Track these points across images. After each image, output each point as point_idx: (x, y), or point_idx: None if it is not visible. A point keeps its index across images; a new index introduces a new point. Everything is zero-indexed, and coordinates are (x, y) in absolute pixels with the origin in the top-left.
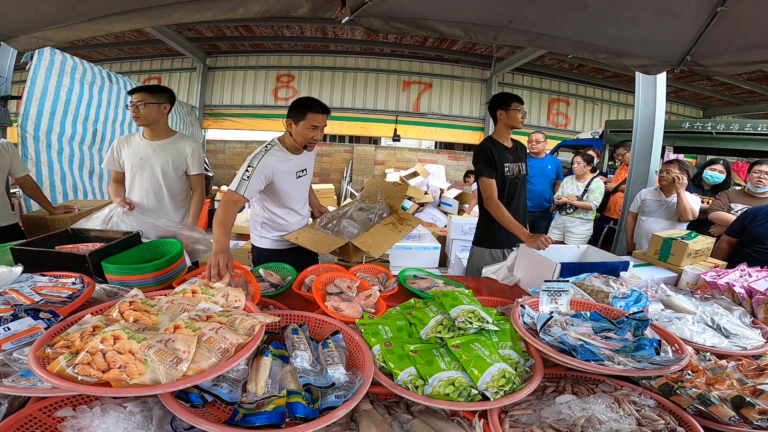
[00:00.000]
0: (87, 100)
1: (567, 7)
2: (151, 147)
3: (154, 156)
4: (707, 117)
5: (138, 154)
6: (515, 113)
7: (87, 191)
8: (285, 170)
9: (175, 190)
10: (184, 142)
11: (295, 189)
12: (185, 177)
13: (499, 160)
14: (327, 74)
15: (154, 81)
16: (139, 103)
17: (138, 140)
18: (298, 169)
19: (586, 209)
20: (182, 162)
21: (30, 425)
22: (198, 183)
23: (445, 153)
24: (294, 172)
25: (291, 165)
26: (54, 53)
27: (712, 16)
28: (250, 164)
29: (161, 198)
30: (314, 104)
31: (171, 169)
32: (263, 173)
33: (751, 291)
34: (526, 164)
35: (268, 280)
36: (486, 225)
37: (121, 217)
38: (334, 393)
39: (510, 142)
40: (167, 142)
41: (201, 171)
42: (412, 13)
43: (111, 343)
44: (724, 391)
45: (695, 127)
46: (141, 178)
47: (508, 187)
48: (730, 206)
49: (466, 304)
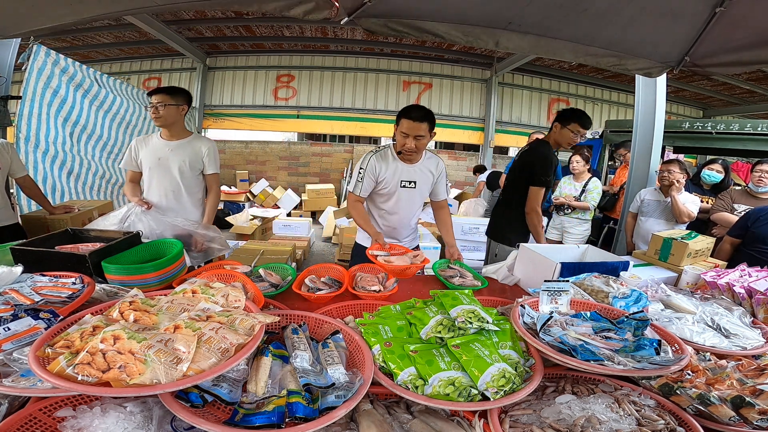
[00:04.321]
0: (70, 103)
1: (566, 9)
2: (168, 147)
3: (171, 156)
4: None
5: (156, 154)
6: (568, 133)
7: (65, 191)
8: (389, 174)
9: (192, 189)
10: (201, 142)
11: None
12: (201, 176)
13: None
14: (327, 74)
15: (154, 81)
16: (159, 105)
17: (156, 140)
18: (404, 178)
19: (583, 209)
20: (198, 161)
21: (30, 425)
22: (213, 182)
23: (445, 153)
24: (398, 180)
25: (398, 172)
26: (48, 54)
27: (710, 17)
28: (361, 166)
29: (180, 197)
30: (410, 110)
31: (188, 168)
32: (371, 173)
33: (751, 291)
34: None
35: (268, 280)
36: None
37: (139, 216)
38: (334, 393)
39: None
40: (184, 142)
41: (216, 170)
42: (411, 16)
43: (111, 343)
44: (724, 391)
45: (695, 127)
46: (159, 177)
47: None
48: (732, 206)
49: (466, 304)
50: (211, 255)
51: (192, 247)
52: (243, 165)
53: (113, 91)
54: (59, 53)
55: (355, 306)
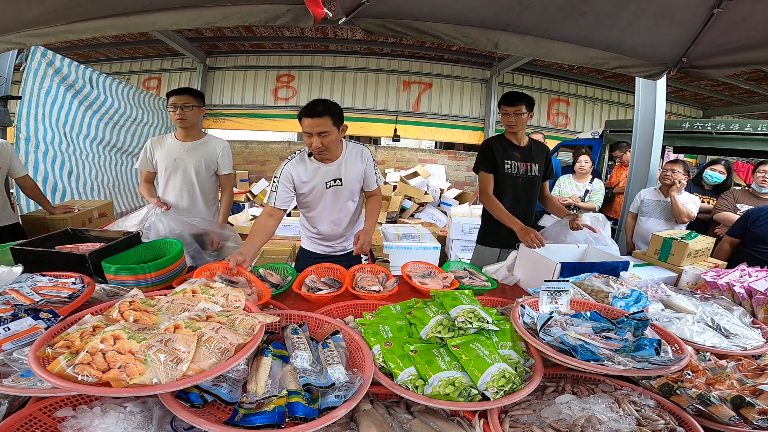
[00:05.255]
0: (59, 104)
1: (565, 12)
2: (183, 148)
3: (187, 157)
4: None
5: (171, 155)
6: (502, 115)
7: (66, 191)
8: (311, 178)
9: (206, 189)
10: (215, 143)
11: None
12: (215, 177)
13: (499, 157)
14: (327, 74)
15: (154, 81)
16: (185, 106)
17: (171, 141)
18: (329, 178)
19: (589, 210)
20: (213, 162)
21: (30, 425)
22: (228, 182)
23: (445, 153)
24: (323, 182)
25: (320, 174)
26: (45, 54)
27: (708, 18)
28: (275, 175)
29: (194, 197)
30: (303, 108)
31: (204, 169)
32: (286, 180)
33: (751, 291)
34: (542, 166)
35: (268, 280)
36: (486, 223)
37: (159, 217)
38: (334, 393)
39: (524, 141)
40: (199, 143)
41: (230, 171)
42: (409, 16)
43: (111, 343)
44: (724, 391)
45: (695, 127)
46: (175, 178)
47: (510, 185)
48: (736, 206)
49: (466, 304)
50: (225, 253)
51: (208, 245)
52: (243, 165)
53: (105, 92)
54: (57, 53)
55: (355, 306)
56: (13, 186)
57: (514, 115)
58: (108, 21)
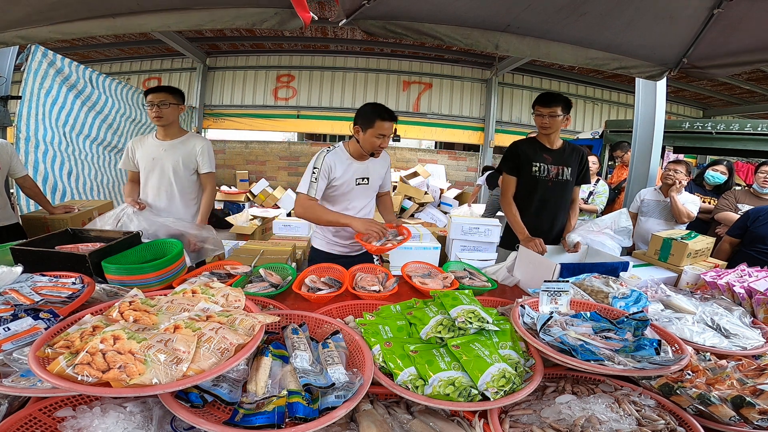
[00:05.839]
0: (60, 103)
1: (565, 12)
2: (162, 147)
3: (165, 156)
4: (707, 117)
5: (150, 154)
6: (536, 116)
7: (66, 191)
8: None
9: (185, 189)
10: (194, 141)
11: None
12: (196, 176)
13: (526, 159)
14: (327, 74)
15: (154, 81)
16: (162, 104)
17: (151, 140)
18: (359, 176)
19: (592, 212)
20: (192, 161)
21: (30, 425)
22: (208, 181)
23: (445, 153)
24: (354, 179)
25: (352, 170)
26: (45, 54)
27: (708, 19)
28: (315, 165)
29: (172, 197)
30: (383, 112)
31: (182, 168)
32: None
33: (751, 291)
34: (576, 170)
35: (268, 280)
36: (508, 227)
37: (130, 216)
38: (334, 393)
39: (557, 144)
40: (178, 141)
41: (211, 169)
42: (410, 18)
43: (111, 343)
44: (724, 391)
45: (695, 127)
46: (153, 177)
47: (538, 188)
48: (737, 206)
49: (466, 304)
50: (204, 255)
51: (185, 247)
52: (243, 165)
53: (105, 93)
54: (57, 53)
55: (355, 306)
56: (13, 186)
57: (549, 117)
58: (95, 22)
